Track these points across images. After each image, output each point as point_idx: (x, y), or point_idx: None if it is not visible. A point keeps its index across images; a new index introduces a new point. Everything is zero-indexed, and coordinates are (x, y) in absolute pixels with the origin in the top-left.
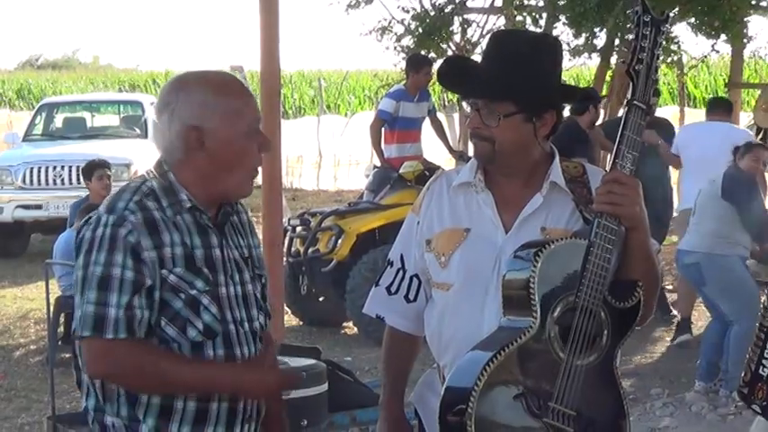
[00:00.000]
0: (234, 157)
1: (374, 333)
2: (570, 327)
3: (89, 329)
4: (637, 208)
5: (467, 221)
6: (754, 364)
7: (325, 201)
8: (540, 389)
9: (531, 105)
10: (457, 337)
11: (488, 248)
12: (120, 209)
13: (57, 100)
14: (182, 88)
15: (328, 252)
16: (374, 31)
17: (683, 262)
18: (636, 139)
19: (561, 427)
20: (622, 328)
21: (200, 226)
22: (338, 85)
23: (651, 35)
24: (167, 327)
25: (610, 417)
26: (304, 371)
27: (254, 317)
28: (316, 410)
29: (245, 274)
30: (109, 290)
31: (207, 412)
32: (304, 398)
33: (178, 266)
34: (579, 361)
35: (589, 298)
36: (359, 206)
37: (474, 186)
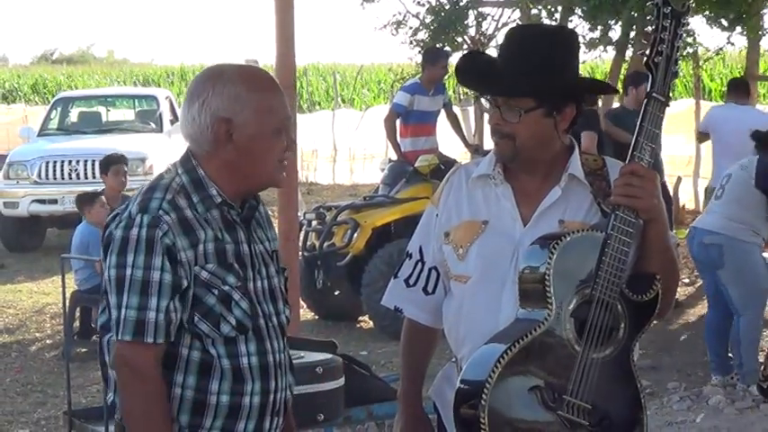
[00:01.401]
0: (260, 153)
1: (390, 327)
2: (586, 320)
3: (129, 334)
4: (655, 200)
5: (485, 214)
6: None
7: (340, 195)
8: (555, 382)
9: (551, 100)
10: (474, 329)
11: (506, 241)
12: (155, 209)
13: (72, 95)
14: (216, 79)
15: (344, 246)
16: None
17: (702, 241)
18: (654, 131)
19: (576, 421)
20: (640, 322)
21: (228, 221)
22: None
23: (671, 27)
24: (200, 323)
25: (626, 411)
26: (320, 365)
27: (281, 310)
28: (332, 405)
29: (270, 268)
30: (150, 294)
31: (239, 406)
32: (320, 392)
33: (210, 262)
34: (595, 354)
35: (605, 291)
36: (374, 200)
37: (493, 179)
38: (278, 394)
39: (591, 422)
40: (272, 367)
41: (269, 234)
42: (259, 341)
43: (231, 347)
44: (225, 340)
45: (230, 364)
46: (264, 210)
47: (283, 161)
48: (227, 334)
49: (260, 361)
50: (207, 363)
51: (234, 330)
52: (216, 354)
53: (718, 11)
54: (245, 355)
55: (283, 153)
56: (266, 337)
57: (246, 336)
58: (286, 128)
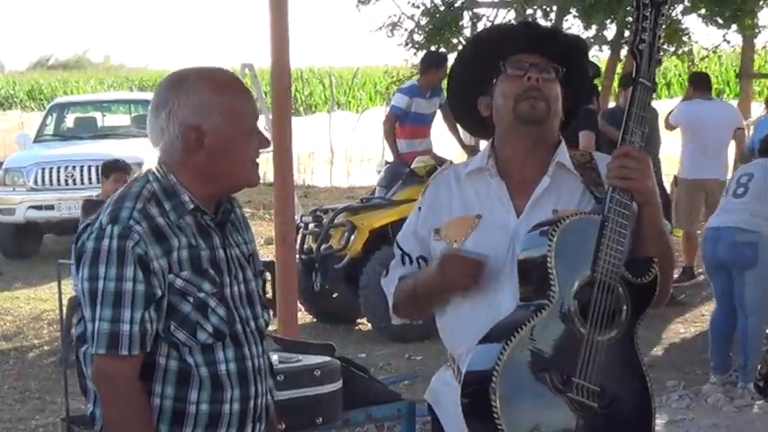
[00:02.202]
0: (233, 156)
1: (388, 329)
2: (589, 302)
3: (104, 347)
4: (649, 182)
5: (478, 208)
6: None
7: (337, 197)
8: (563, 364)
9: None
10: (473, 322)
11: (501, 233)
12: (125, 218)
13: (67, 100)
14: (180, 87)
15: (341, 248)
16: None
17: (735, 239)
18: (643, 115)
19: (585, 402)
20: (640, 305)
21: (202, 227)
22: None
23: (651, 16)
24: (177, 331)
25: (634, 394)
26: (317, 368)
27: (259, 314)
28: (330, 408)
29: (247, 272)
30: (123, 306)
31: (220, 414)
32: (318, 395)
33: (185, 270)
34: (600, 336)
35: (606, 272)
36: (371, 202)
37: (487, 171)
38: (258, 400)
39: (600, 404)
40: (251, 373)
41: (245, 237)
42: (237, 347)
43: (209, 355)
44: (202, 348)
45: (208, 371)
46: (241, 212)
47: (257, 161)
48: (204, 341)
49: (238, 367)
50: (185, 372)
51: (211, 337)
52: (194, 362)
53: (713, 9)
54: (224, 361)
55: (256, 153)
56: (244, 342)
57: (224, 342)
58: (255, 127)
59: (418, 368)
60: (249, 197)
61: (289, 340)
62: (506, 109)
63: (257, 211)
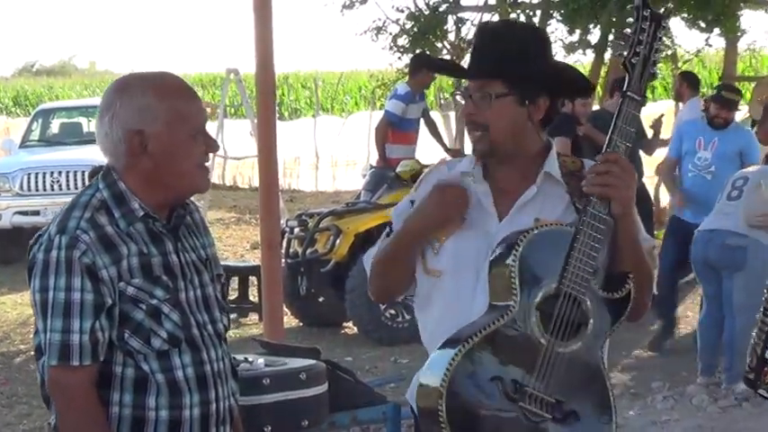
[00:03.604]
0: (178, 161)
1: (374, 333)
2: (552, 313)
3: (56, 358)
4: (630, 193)
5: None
6: (760, 349)
7: (323, 201)
8: (518, 373)
9: (522, 87)
10: (448, 322)
11: (481, 237)
12: (72, 228)
13: (53, 106)
14: (123, 92)
15: (326, 252)
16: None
17: (726, 242)
18: (628, 129)
19: (537, 413)
20: (610, 320)
21: (154, 233)
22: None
23: (650, 29)
24: (131, 339)
25: (594, 408)
26: (303, 371)
27: (218, 318)
28: (316, 410)
29: (204, 277)
30: (72, 316)
31: (180, 420)
32: (304, 398)
33: (136, 277)
34: (561, 348)
35: (573, 285)
36: (356, 206)
37: (472, 176)
38: (220, 403)
39: (554, 415)
40: (211, 377)
41: (203, 241)
42: (194, 352)
43: (165, 361)
44: (157, 354)
45: (165, 378)
46: (199, 216)
47: (204, 165)
48: (159, 348)
49: (197, 372)
50: (142, 379)
51: (166, 344)
52: (149, 369)
53: (696, 13)
54: (180, 367)
55: (203, 157)
56: (202, 346)
57: (180, 348)
58: (202, 131)
59: (404, 371)
60: (235, 202)
61: (274, 344)
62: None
63: (243, 215)
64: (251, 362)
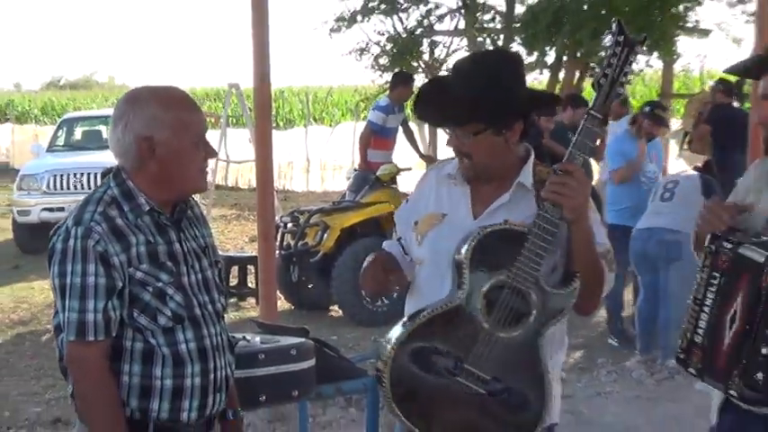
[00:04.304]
0: (181, 165)
1: (357, 315)
2: (497, 302)
3: (73, 334)
4: (582, 201)
5: (446, 208)
6: (690, 333)
7: (312, 200)
8: (459, 351)
9: (498, 121)
10: (421, 305)
11: (457, 231)
12: (87, 221)
13: (76, 115)
14: (134, 103)
15: (315, 245)
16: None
17: (663, 238)
18: (587, 143)
19: (472, 387)
20: (553, 312)
21: (160, 225)
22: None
23: (622, 54)
24: (140, 317)
25: (528, 388)
26: (294, 347)
27: (216, 299)
28: (305, 382)
29: (203, 262)
30: (87, 297)
31: (182, 387)
32: (295, 371)
33: (143, 263)
34: (503, 333)
35: (519, 279)
36: (342, 204)
37: (454, 179)
38: (218, 373)
39: (488, 391)
40: (210, 350)
41: (203, 231)
42: (196, 328)
43: (170, 336)
44: (163, 330)
45: (170, 351)
46: (199, 210)
47: (204, 170)
48: (165, 325)
49: (198, 345)
50: (149, 351)
51: (170, 321)
52: (156, 343)
53: (638, 36)
54: (184, 341)
55: (203, 162)
56: (203, 323)
57: (183, 324)
58: (203, 140)
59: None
60: (236, 200)
61: (269, 324)
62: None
63: (243, 212)
64: (248, 340)
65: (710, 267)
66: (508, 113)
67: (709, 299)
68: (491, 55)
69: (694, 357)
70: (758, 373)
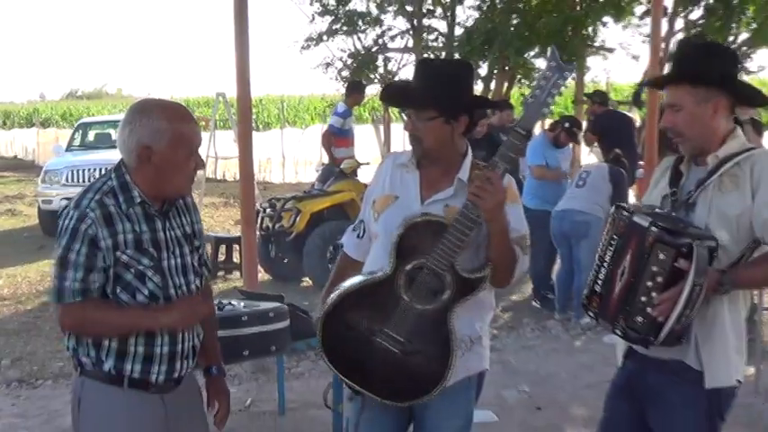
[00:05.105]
0: (173, 173)
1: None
2: (415, 279)
3: (53, 298)
4: (496, 206)
5: (398, 191)
6: (592, 284)
7: (287, 190)
8: (381, 316)
9: (448, 111)
10: None
11: (407, 212)
12: (84, 207)
13: (90, 120)
14: (143, 112)
15: (290, 227)
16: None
17: (574, 219)
18: (509, 155)
19: (388, 347)
20: (465, 292)
21: (149, 215)
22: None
23: (553, 78)
24: (121, 293)
25: (435, 353)
26: (272, 311)
27: (192, 281)
28: (282, 339)
29: (184, 248)
30: (67, 268)
31: (152, 354)
32: (273, 330)
33: (129, 249)
34: (418, 305)
35: (436, 263)
36: (311, 193)
37: (407, 167)
38: (185, 344)
39: (401, 351)
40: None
41: (191, 218)
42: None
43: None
44: (140, 306)
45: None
46: (190, 199)
47: (192, 178)
48: (142, 302)
49: None
50: None
51: (147, 299)
52: None
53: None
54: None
55: (192, 171)
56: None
57: (157, 302)
58: (196, 152)
59: None
60: (223, 190)
61: (251, 292)
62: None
63: (229, 200)
64: (234, 305)
65: (611, 231)
66: (457, 107)
67: (608, 256)
68: (450, 61)
69: (593, 303)
70: (638, 317)
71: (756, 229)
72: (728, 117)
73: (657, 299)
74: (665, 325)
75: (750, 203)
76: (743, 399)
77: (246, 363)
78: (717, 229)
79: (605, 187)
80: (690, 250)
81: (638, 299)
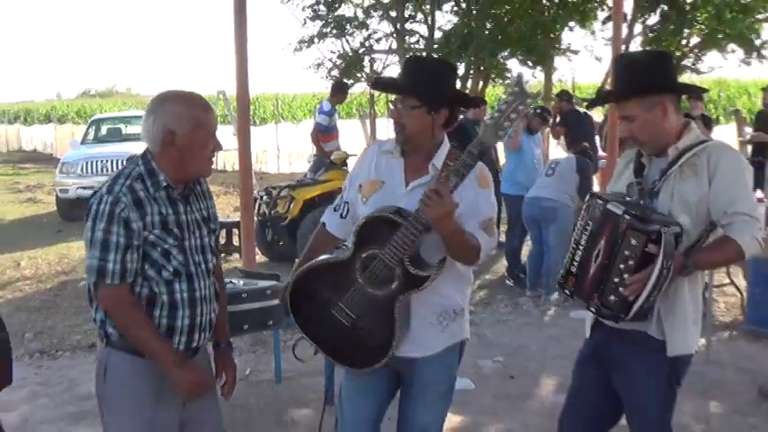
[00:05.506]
0: (195, 154)
1: None
2: (368, 266)
3: (94, 276)
4: (441, 215)
5: (384, 176)
6: (569, 265)
7: (282, 179)
8: (339, 291)
9: (429, 103)
10: None
11: (392, 196)
12: (117, 191)
13: (102, 116)
14: (164, 101)
15: (284, 212)
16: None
17: (542, 205)
18: (460, 170)
19: (340, 319)
20: (411, 285)
21: (172, 199)
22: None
23: (514, 104)
24: (149, 269)
25: (379, 333)
26: (269, 288)
27: (209, 260)
28: (278, 315)
29: (203, 230)
30: (108, 250)
31: (174, 326)
32: (270, 306)
33: (156, 229)
34: (370, 289)
35: (388, 256)
36: (304, 182)
37: (392, 154)
38: (203, 317)
39: (351, 324)
40: (199, 299)
41: (207, 203)
42: (189, 282)
43: (169, 287)
44: (165, 282)
45: (168, 298)
46: (206, 187)
47: (211, 158)
48: (167, 278)
49: (189, 295)
50: (152, 297)
51: (171, 275)
52: (158, 291)
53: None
54: (179, 291)
55: (211, 153)
56: (195, 278)
57: (180, 278)
58: (213, 135)
59: None
60: (223, 180)
61: (250, 272)
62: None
63: (228, 189)
64: (234, 283)
65: (587, 217)
66: (438, 100)
67: (584, 240)
68: (435, 59)
69: (569, 282)
70: (611, 296)
71: (713, 214)
72: (677, 113)
73: (629, 280)
74: (635, 303)
75: (707, 190)
76: (695, 367)
77: (246, 336)
78: (679, 214)
79: (573, 177)
80: (659, 236)
81: (611, 279)
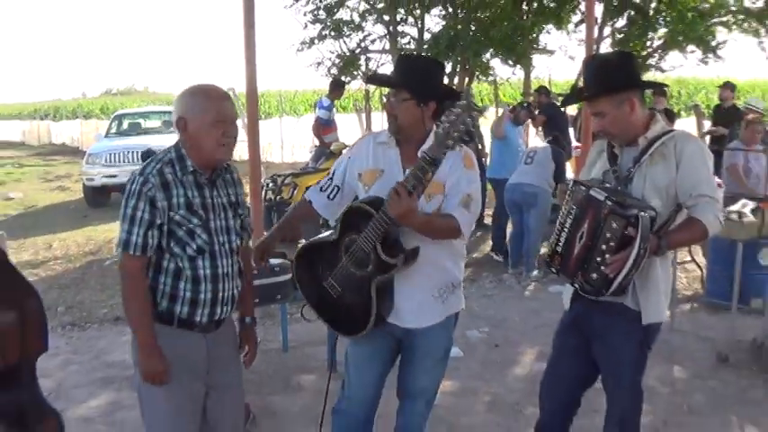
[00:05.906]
0: (201, 137)
1: None
2: (349, 249)
3: (121, 246)
4: (401, 213)
5: (382, 165)
6: (554, 245)
7: (286, 168)
8: (330, 266)
9: (419, 96)
10: None
11: (392, 183)
12: (147, 173)
13: (124, 112)
14: (182, 95)
15: (289, 198)
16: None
17: (524, 190)
18: (419, 174)
19: (329, 291)
20: (382, 270)
21: (199, 183)
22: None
23: (462, 116)
24: (174, 246)
25: (358, 308)
26: (277, 266)
27: (233, 240)
28: (285, 289)
29: (228, 213)
30: (134, 224)
31: (197, 300)
32: (278, 282)
33: (181, 209)
34: (352, 268)
35: (362, 242)
36: (306, 170)
37: (388, 144)
38: (225, 293)
39: (336, 295)
40: (221, 276)
41: (236, 191)
42: (212, 259)
43: (193, 263)
44: (189, 258)
45: (192, 273)
46: (237, 175)
47: (221, 143)
48: (191, 254)
49: (212, 272)
50: (178, 271)
51: (195, 252)
52: (183, 266)
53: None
54: (202, 267)
55: (221, 138)
56: (218, 256)
57: (203, 255)
58: (222, 120)
59: None
60: None
61: None
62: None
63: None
64: None
65: (571, 202)
66: (427, 94)
67: (568, 223)
68: (425, 57)
69: (555, 261)
70: (593, 273)
71: (680, 196)
72: (643, 107)
73: (610, 259)
74: (615, 280)
75: (675, 175)
76: (661, 335)
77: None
78: (651, 197)
79: (550, 165)
80: (637, 220)
81: (594, 259)
